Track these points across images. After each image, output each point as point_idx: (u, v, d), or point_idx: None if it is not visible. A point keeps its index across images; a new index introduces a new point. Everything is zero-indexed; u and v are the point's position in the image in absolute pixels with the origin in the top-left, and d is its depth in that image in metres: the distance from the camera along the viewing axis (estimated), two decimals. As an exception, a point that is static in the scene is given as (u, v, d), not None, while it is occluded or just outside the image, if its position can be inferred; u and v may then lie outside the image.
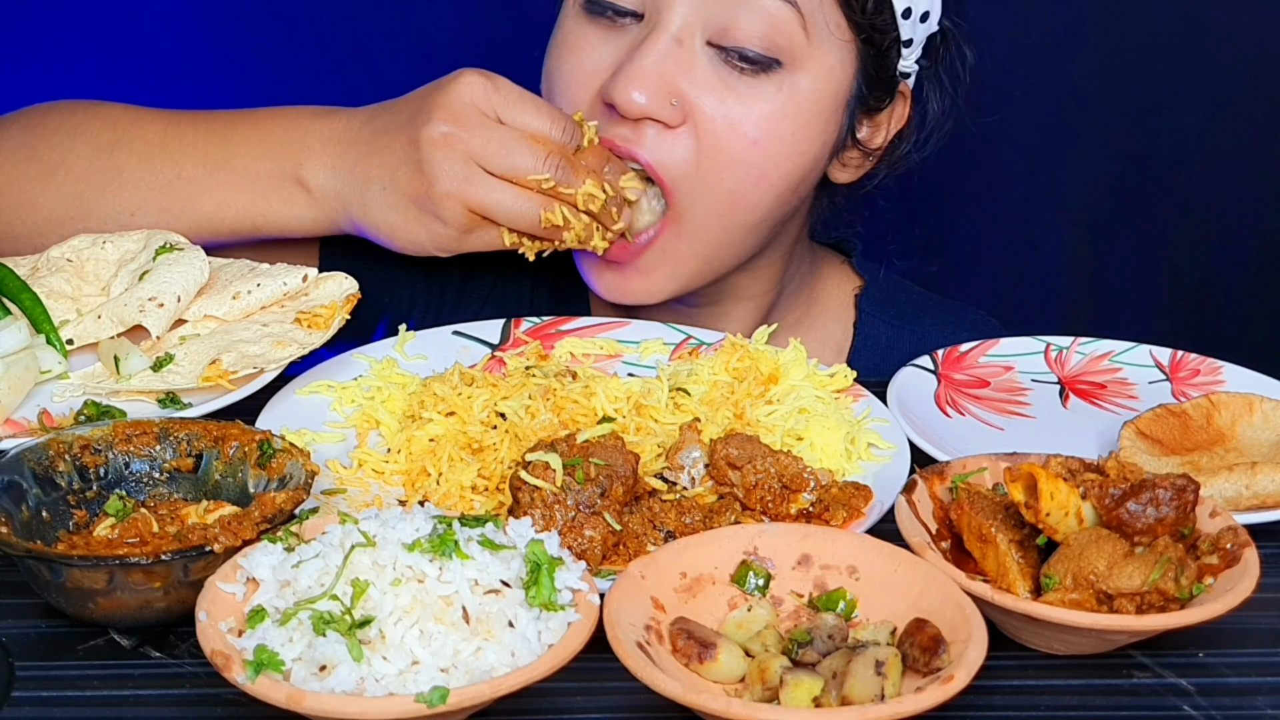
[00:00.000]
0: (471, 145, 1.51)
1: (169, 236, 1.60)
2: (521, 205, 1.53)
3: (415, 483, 1.35)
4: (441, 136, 1.51)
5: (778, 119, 1.58)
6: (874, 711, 1.03)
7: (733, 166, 1.58)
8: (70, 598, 1.15)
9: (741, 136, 1.57)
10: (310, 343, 1.48)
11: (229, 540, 1.14)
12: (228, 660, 1.03)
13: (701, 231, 1.62)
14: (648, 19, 1.58)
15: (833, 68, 1.59)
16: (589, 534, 1.25)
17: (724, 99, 1.57)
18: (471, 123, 1.52)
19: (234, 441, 1.28)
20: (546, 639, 1.06)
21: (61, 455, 1.25)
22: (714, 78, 1.57)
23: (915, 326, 1.83)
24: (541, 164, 1.52)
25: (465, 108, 1.52)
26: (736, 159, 1.58)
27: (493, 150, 1.51)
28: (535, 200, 1.53)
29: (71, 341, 1.50)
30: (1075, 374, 1.63)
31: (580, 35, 1.63)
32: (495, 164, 1.52)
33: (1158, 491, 1.16)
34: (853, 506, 1.30)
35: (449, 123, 1.51)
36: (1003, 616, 1.16)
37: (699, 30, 1.56)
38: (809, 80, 1.58)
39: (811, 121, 1.60)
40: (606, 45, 1.61)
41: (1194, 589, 1.15)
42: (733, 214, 1.61)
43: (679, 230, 1.62)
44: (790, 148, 1.60)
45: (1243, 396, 1.51)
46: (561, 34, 1.65)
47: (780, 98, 1.57)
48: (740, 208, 1.61)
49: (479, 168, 1.52)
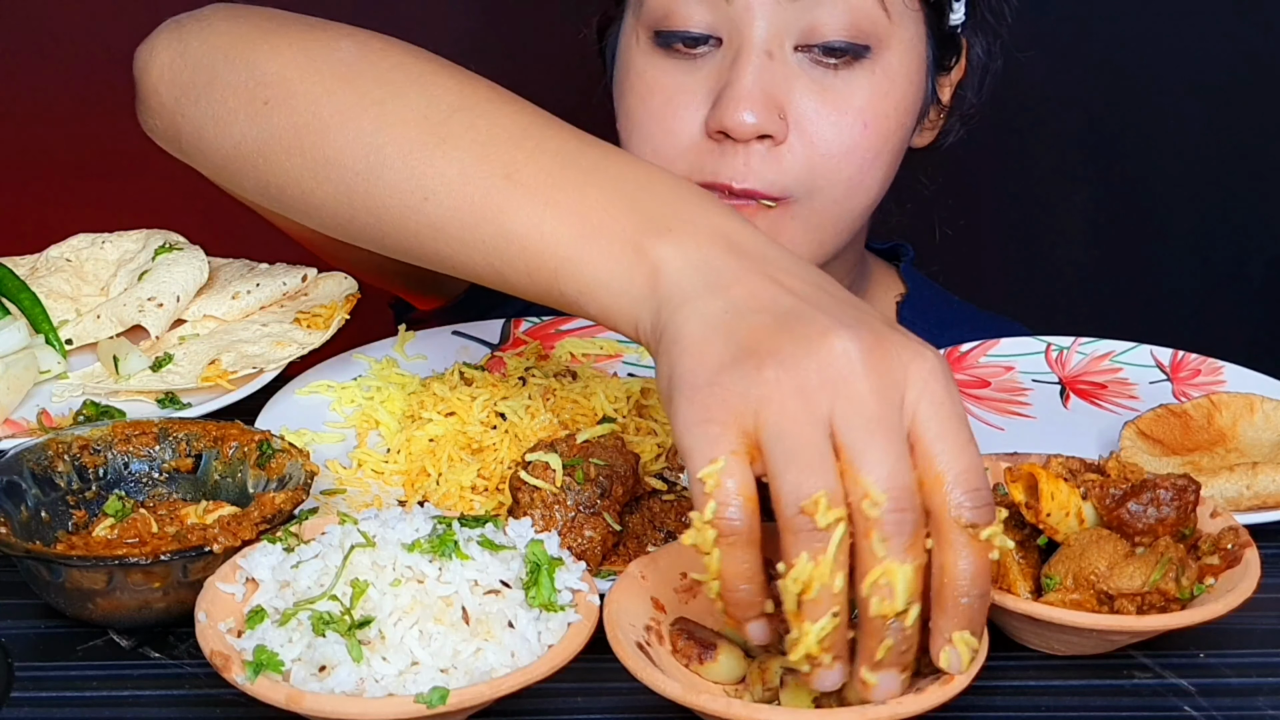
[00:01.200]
0: (862, 394, 0.98)
1: (168, 236, 1.60)
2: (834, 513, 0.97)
3: (414, 483, 1.35)
4: (847, 350, 0.99)
5: (879, 99, 1.58)
6: (874, 712, 1.02)
7: (849, 156, 1.58)
8: (69, 598, 1.14)
9: (850, 129, 1.57)
10: (310, 343, 1.48)
11: (228, 540, 1.14)
12: (227, 661, 1.03)
13: (819, 217, 1.61)
14: (728, 40, 1.56)
15: (913, 39, 1.61)
16: (589, 534, 1.25)
17: (825, 99, 1.56)
18: (891, 380, 0.99)
19: (233, 441, 1.28)
20: (546, 639, 1.06)
21: (61, 455, 1.25)
22: (810, 81, 1.56)
23: (953, 335, 1.83)
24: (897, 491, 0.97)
25: (899, 366, 1.00)
26: (851, 149, 1.58)
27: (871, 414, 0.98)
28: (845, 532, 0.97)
29: (71, 341, 1.50)
30: (1076, 374, 1.63)
31: (660, 74, 1.59)
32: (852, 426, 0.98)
33: (1158, 492, 1.16)
34: (853, 507, 1.29)
35: (869, 350, 1.00)
36: (1003, 616, 1.16)
37: (786, 38, 1.55)
38: (896, 57, 1.59)
39: (906, 94, 1.61)
40: (691, 77, 1.57)
41: (1195, 589, 1.15)
42: (851, 199, 1.61)
43: (795, 216, 1.59)
44: (895, 123, 1.61)
45: (1243, 397, 1.51)
46: (636, 75, 1.60)
47: (875, 79, 1.58)
48: (859, 191, 1.61)
49: (830, 409, 0.98)
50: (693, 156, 1.58)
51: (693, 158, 1.58)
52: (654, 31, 1.59)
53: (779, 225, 1.59)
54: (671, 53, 1.58)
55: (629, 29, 1.63)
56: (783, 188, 1.57)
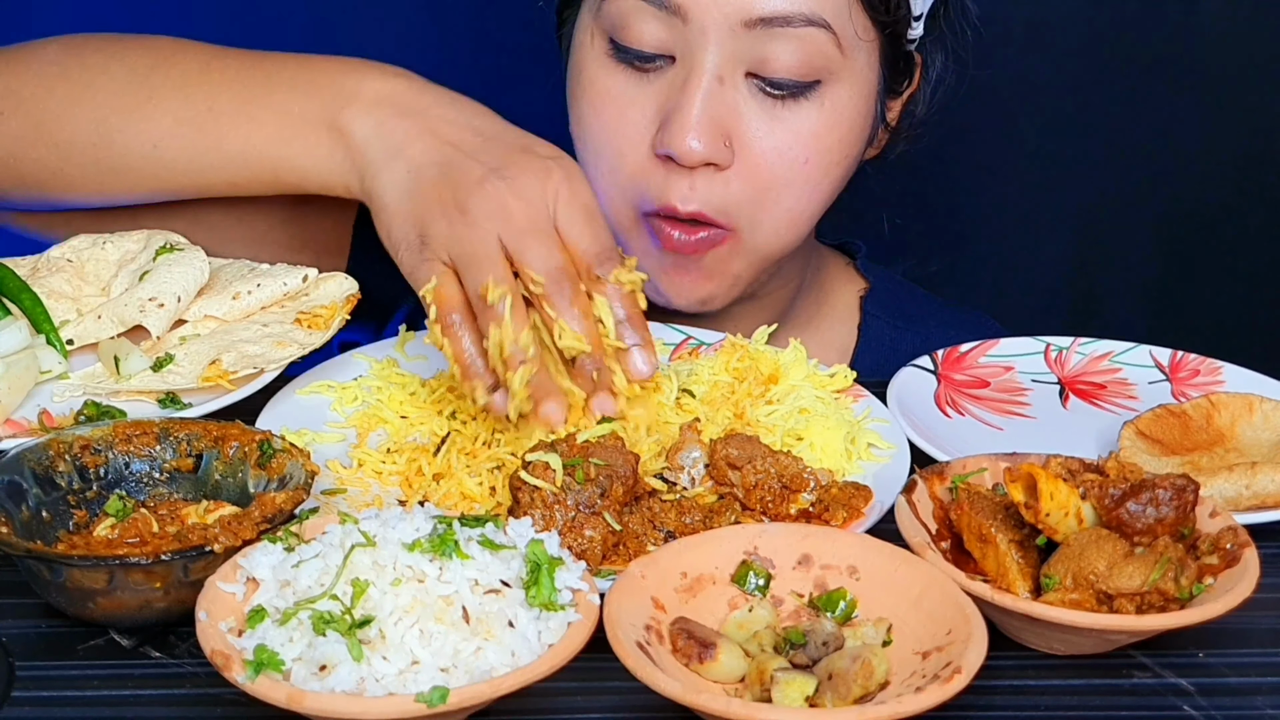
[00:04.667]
0: (514, 214, 1.35)
1: (169, 237, 1.60)
2: (499, 289, 1.33)
3: (413, 483, 1.35)
4: (496, 187, 1.36)
5: (824, 134, 1.59)
6: (874, 711, 1.03)
7: (788, 189, 1.60)
8: (70, 598, 1.15)
9: (793, 161, 1.58)
10: (310, 343, 1.48)
11: (229, 540, 1.14)
12: (228, 660, 1.03)
13: (762, 248, 1.63)
14: (681, 61, 1.56)
15: (863, 69, 1.61)
16: (589, 534, 1.25)
17: (771, 129, 1.57)
18: (531, 198, 1.36)
19: (234, 441, 1.28)
20: (546, 639, 1.06)
21: (61, 455, 1.25)
22: (758, 110, 1.57)
23: (919, 329, 1.84)
24: (550, 270, 1.34)
25: (536, 184, 1.37)
26: (790, 181, 1.59)
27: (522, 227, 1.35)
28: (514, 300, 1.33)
29: (71, 341, 1.50)
30: (1075, 374, 1.63)
31: (613, 84, 1.60)
32: (512, 238, 1.35)
33: (1158, 491, 1.16)
34: (853, 506, 1.30)
35: (512, 180, 1.36)
36: (1003, 616, 1.16)
37: (738, 65, 1.55)
38: (846, 89, 1.59)
39: (854, 125, 1.62)
40: (642, 92, 1.59)
41: (1194, 589, 1.15)
42: (792, 230, 1.64)
43: (739, 248, 1.62)
44: (839, 155, 1.62)
45: (1243, 397, 1.51)
46: (588, 82, 1.62)
47: (823, 113, 1.58)
48: (799, 222, 1.64)
49: (497, 230, 1.35)
50: (640, 177, 1.60)
51: (640, 178, 1.60)
52: (609, 39, 1.59)
53: (726, 259, 1.62)
54: (625, 65, 1.59)
55: (585, 26, 1.63)
56: (727, 215, 1.59)
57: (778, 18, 1.53)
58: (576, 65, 1.64)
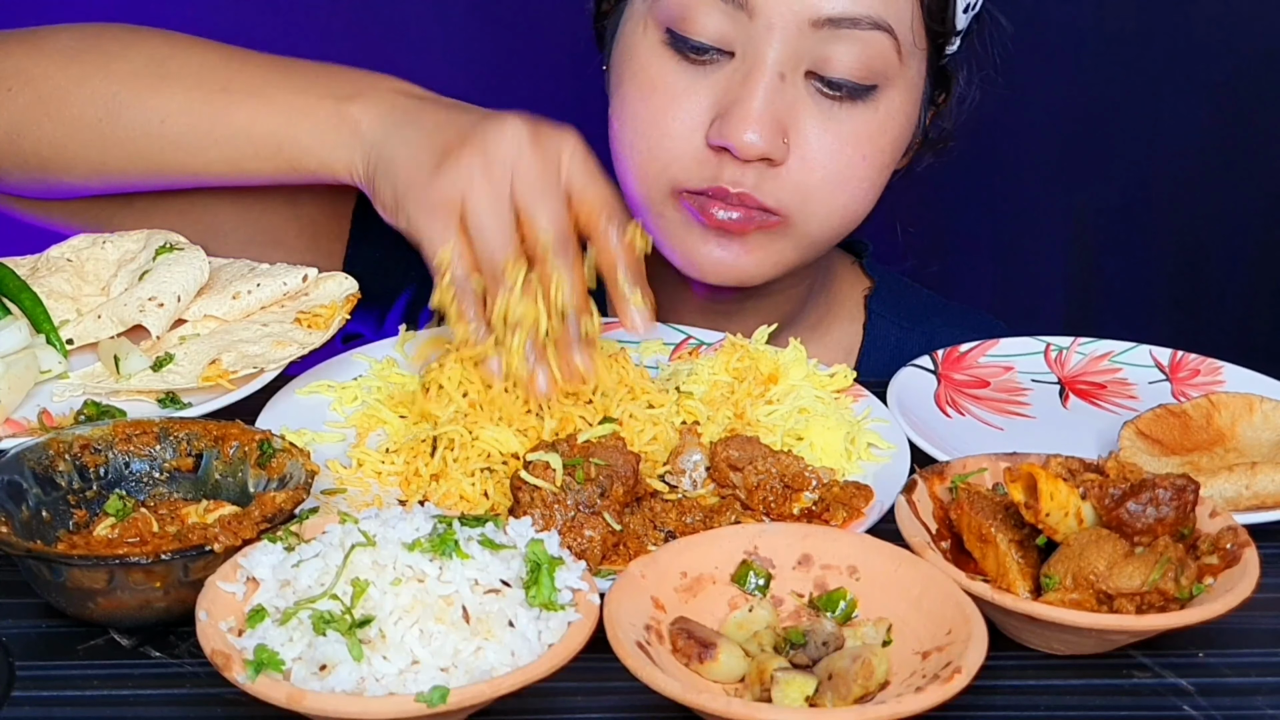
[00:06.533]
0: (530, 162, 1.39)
1: (169, 236, 1.60)
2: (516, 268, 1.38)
3: (413, 483, 1.35)
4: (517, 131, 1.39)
5: (877, 137, 1.60)
6: (874, 711, 1.03)
7: (845, 185, 1.61)
8: (70, 597, 1.15)
9: (848, 160, 1.59)
10: (310, 343, 1.48)
11: (229, 540, 1.14)
12: (228, 660, 1.03)
13: (814, 234, 1.64)
14: (741, 55, 1.57)
15: (915, 77, 1.62)
16: (589, 534, 1.25)
17: (827, 129, 1.58)
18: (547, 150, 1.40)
19: (234, 441, 1.28)
20: (546, 639, 1.06)
21: (61, 455, 1.25)
22: (815, 110, 1.58)
23: (924, 328, 1.84)
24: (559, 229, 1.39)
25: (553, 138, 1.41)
26: (846, 179, 1.60)
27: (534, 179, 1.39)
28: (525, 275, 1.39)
29: (71, 341, 1.50)
30: (1075, 374, 1.63)
31: (666, 72, 1.60)
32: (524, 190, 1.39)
33: (1158, 491, 1.16)
34: (853, 506, 1.30)
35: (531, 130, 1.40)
36: (1003, 616, 1.16)
37: (799, 64, 1.56)
38: (899, 96, 1.61)
39: (904, 130, 1.64)
40: (698, 83, 1.59)
41: (1194, 589, 1.15)
42: (841, 225, 1.65)
43: (789, 233, 1.62)
44: (890, 156, 1.64)
45: (1243, 396, 1.51)
46: (639, 68, 1.62)
47: (879, 117, 1.60)
48: (849, 218, 1.65)
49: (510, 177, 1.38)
50: (690, 162, 1.59)
51: (689, 162, 1.59)
52: (666, 29, 1.59)
53: (771, 240, 1.62)
54: (680, 55, 1.59)
55: (637, 15, 1.63)
56: (776, 203, 1.59)
57: (845, 19, 1.54)
58: (625, 53, 1.64)
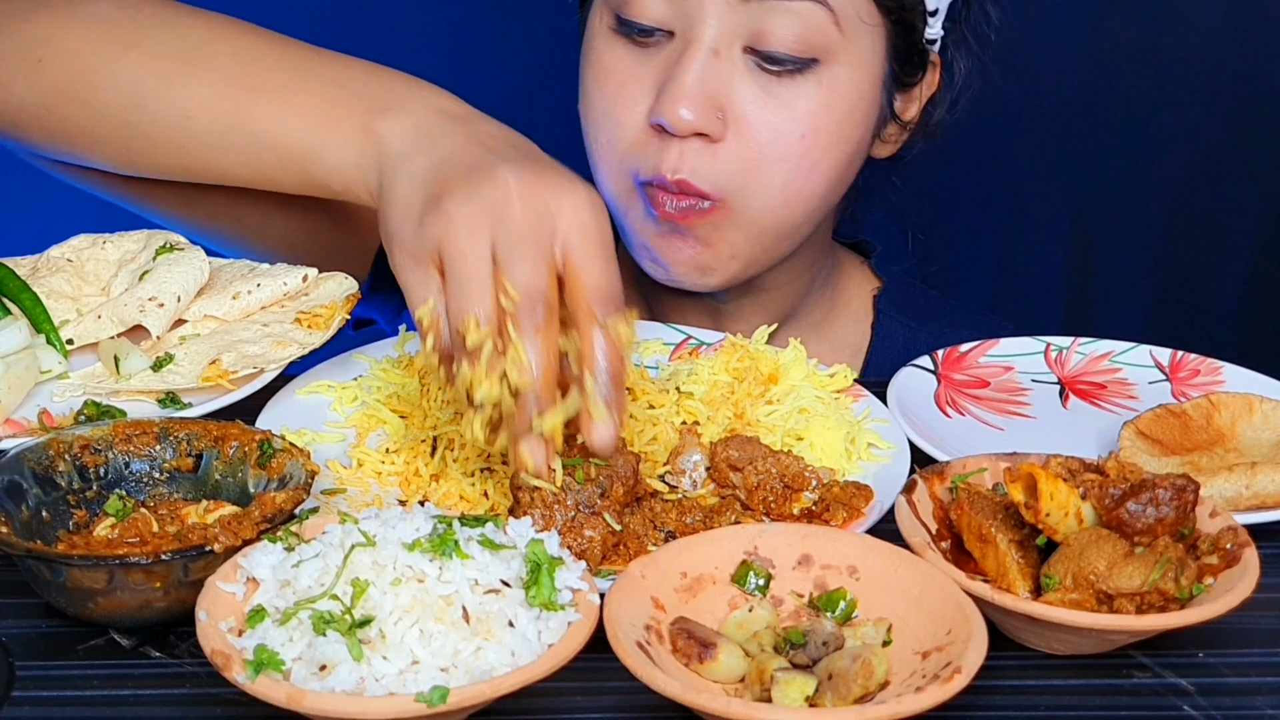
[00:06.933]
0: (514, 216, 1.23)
1: (169, 236, 1.61)
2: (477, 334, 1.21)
3: (413, 483, 1.35)
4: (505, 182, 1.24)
5: (821, 113, 1.60)
6: (874, 711, 1.03)
7: (782, 163, 1.60)
8: (70, 597, 1.15)
9: (787, 136, 1.59)
10: (310, 343, 1.48)
11: (229, 540, 1.14)
12: (228, 660, 1.03)
13: (757, 220, 1.63)
14: (680, 34, 1.58)
15: (866, 53, 1.61)
16: (589, 534, 1.25)
17: (766, 104, 1.58)
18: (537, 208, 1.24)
19: (234, 441, 1.28)
20: (546, 639, 1.06)
21: (61, 455, 1.25)
22: (754, 85, 1.58)
23: (932, 329, 1.84)
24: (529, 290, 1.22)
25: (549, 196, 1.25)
26: (785, 157, 1.59)
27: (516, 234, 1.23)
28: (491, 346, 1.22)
29: (71, 341, 1.50)
30: (1075, 374, 1.63)
31: (615, 58, 1.62)
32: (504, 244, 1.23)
33: (1158, 491, 1.16)
34: (853, 506, 1.30)
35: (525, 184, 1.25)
36: (1003, 616, 1.16)
37: (734, 39, 1.57)
38: (846, 71, 1.60)
39: (854, 108, 1.62)
40: (642, 66, 1.60)
41: (1194, 589, 1.15)
42: (788, 206, 1.63)
43: (732, 219, 1.62)
44: (837, 136, 1.62)
45: (1243, 397, 1.51)
46: (594, 56, 1.64)
47: (821, 92, 1.59)
48: (796, 199, 1.63)
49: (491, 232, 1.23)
50: (635, 148, 1.61)
51: (635, 149, 1.61)
52: (615, 15, 1.61)
53: (716, 227, 1.62)
54: (628, 39, 1.61)
55: (598, 6, 1.65)
56: (716, 186, 1.59)
57: None
58: (586, 44, 1.66)
